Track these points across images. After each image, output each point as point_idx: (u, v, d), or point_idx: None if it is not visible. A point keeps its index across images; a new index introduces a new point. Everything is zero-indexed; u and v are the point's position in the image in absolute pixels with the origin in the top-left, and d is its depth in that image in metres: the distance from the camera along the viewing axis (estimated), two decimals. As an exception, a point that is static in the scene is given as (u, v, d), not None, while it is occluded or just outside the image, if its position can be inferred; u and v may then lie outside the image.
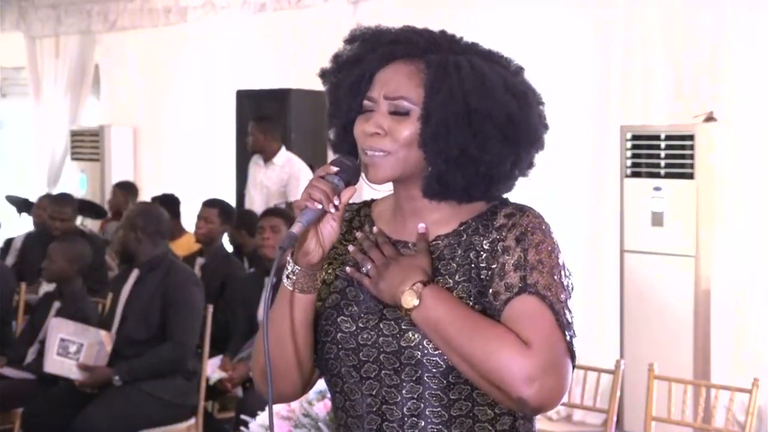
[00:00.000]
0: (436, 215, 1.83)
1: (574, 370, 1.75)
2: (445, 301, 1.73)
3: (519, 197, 1.86)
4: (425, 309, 1.73)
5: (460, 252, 1.80)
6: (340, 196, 1.77)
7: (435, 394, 1.75)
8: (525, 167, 1.83)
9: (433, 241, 1.82)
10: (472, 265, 1.78)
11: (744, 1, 5.99)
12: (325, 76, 1.88)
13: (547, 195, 6.28)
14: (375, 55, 1.82)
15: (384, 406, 1.78)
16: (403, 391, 1.77)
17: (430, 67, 1.78)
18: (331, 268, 1.88)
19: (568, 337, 1.72)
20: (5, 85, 12.23)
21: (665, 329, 5.92)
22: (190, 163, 9.38)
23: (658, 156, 6.00)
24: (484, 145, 1.76)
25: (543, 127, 1.83)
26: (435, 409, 1.76)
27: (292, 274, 1.80)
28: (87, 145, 10.14)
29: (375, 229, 1.87)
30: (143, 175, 9.84)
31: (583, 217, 6.70)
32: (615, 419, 3.90)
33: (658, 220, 5.98)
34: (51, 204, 7.11)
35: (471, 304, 1.76)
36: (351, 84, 1.82)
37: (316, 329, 1.84)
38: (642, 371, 4.16)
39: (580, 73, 6.74)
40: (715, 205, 5.96)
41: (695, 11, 6.17)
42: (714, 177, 5.95)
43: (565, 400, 1.85)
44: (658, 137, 6.00)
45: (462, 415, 1.76)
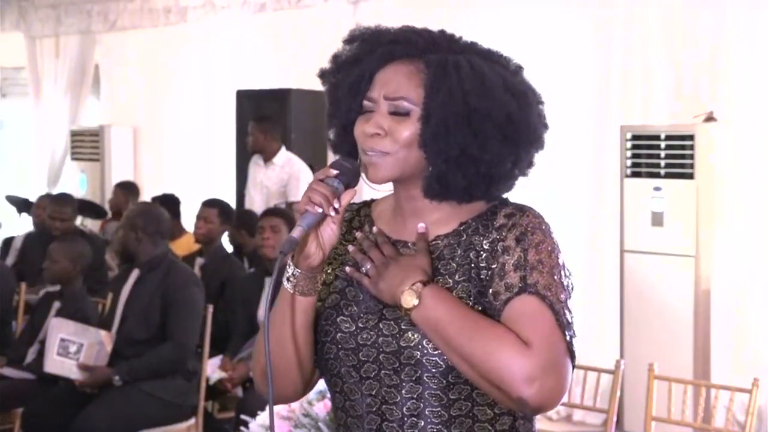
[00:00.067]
0: (436, 215, 1.83)
1: (574, 370, 1.75)
2: (445, 301, 1.73)
3: (519, 197, 1.86)
4: (425, 309, 1.72)
5: (459, 252, 1.80)
6: (340, 199, 1.78)
7: (434, 394, 1.75)
8: (525, 167, 1.83)
9: (433, 241, 1.82)
10: (472, 265, 1.78)
11: (744, 1, 5.99)
12: (325, 77, 1.88)
13: (547, 195, 6.27)
14: (374, 56, 1.81)
15: (384, 406, 1.78)
16: (403, 391, 1.76)
17: (429, 67, 1.78)
18: (331, 268, 1.88)
19: (568, 337, 1.72)
20: (5, 85, 12.23)
21: (665, 329, 5.91)
22: (190, 163, 9.38)
23: (658, 156, 6.00)
24: (485, 144, 1.76)
25: (543, 127, 1.83)
26: (435, 409, 1.76)
27: (293, 277, 1.81)
28: (87, 145, 10.14)
29: (375, 228, 1.87)
30: (143, 175, 9.83)
31: (583, 217, 6.70)
32: (615, 419, 3.90)
33: (658, 220, 5.98)
34: (51, 204, 7.11)
35: (471, 304, 1.76)
36: (350, 84, 1.82)
37: (316, 329, 1.84)
38: (642, 371, 4.16)
39: (580, 73, 6.74)
40: (715, 205, 5.96)
41: (695, 11, 6.17)
42: (714, 177, 5.95)
43: (565, 400, 1.85)
44: (658, 137, 6.00)
45: (462, 415, 1.76)
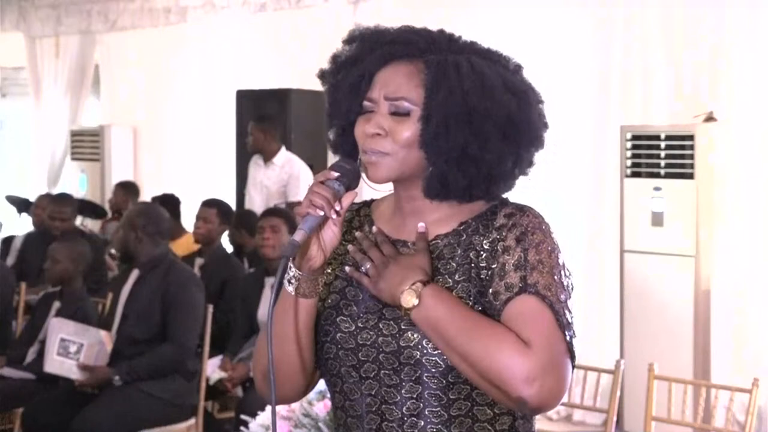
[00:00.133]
0: (436, 215, 1.83)
1: (574, 370, 1.75)
2: (445, 301, 1.73)
3: (519, 197, 1.85)
4: (425, 308, 1.72)
5: (459, 252, 1.80)
6: (341, 202, 1.77)
7: (434, 393, 1.75)
8: (525, 166, 1.83)
9: (433, 241, 1.82)
10: (472, 265, 1.78)
11: (744, 1, 5.98)
12: (324, 77, 1.88)
13: (547, 195, 6.27)
14: (374, 56, 1.81)
15: (383, 406, 1.78)
16: (402, 391, 1.76)
17: (429, 68, 1.78)
18: (331, 268, 1.87)
19: (568, 337, 1.72)
20: (5, 85, 12.23)
21: (665, 329, 5.91)
22: (190, 163, 9.38)
23: (658, 156, 6.00)
24: (485, 144, 1.76)
25: (543, 126, 1.83)
26: (434, 409, 1.76)
27: (294, 279, 1.80)
28: (87, 145, 10.14)
29: (374, 228, 1.87)
30: (143, 175, 9.83)
31: (583, 217, 6.70)
32: (615, 419, 3.90)
33: (658, 220, 5.98)
34: (51, 204, 7.11)
35: (471, 304, 1.76)
36: (350, 85, 1.82)
37: (316, 329, 1.84)
38: (642, 371, 4.16)
39: (580, 73, 6.74)
40: (715, 205, 5.96)
41: (695, 11, 6.17)
42: (714, 177, 5.96)
43: (565, 400, 1.85)
44: (658, 137, 6.00)
45: (461, 415, 1.76)
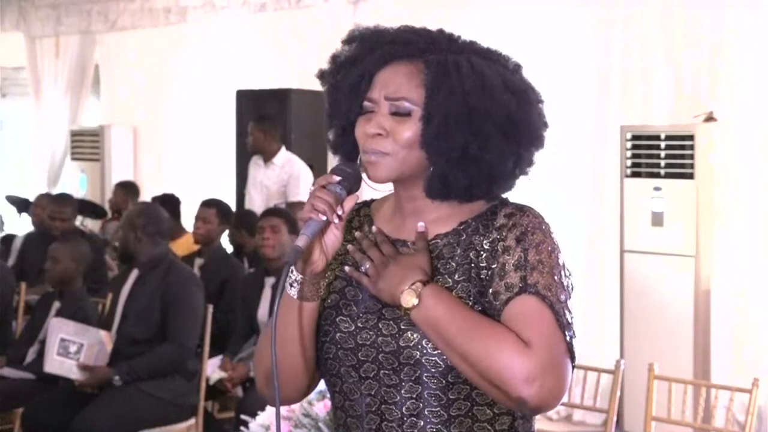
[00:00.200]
0: (436, 214, 1.83)
1: (574, 370, 1.75)
2: (445, 301, 1.73)
3: (519, 197, 1.85)
4: (425, 308, 1.72)
5: (459, 251, 1.80)
6: (342, 206, 1.77)
7: (434, 393, 1.75)
8: (526, 165, 1.83)
9: (432, 240, 1.82)
10: (472, 265, 1.78)
11: (744, 1, 5.98)
12: (324, 77, 1.88)
13: (547, 195, 6.27)
14: (374, 56, 1.81)
15: (383, 406, 1.78)
16: (402, 391, 1.76)
17: (429, 68, 1.77)
18: (330, 268, 1.87)
19: (568, 338, 1.72)
20: (5, 85, 12.23)
21: (665, 329, 5.91)
22: (190, 163, 9.38)
23: (658, 156, 6.00)
24: (486, 144, 1.76)
25: (543, 125, 1.83)
26: (434, 409, 1.76)
27: (296, 283, 1.80)
28: (87, 145, 10.14)
29: (374, 228, 1.86)
30: (143, 175, 9.83)
31: (583, 217, 6.70)
32: (615, 419, 3.90)
33: (658, 220, 5.98)
34: (51, 204, 7.11)
35: (470, 304, 1.75)
36: (350, 85, 1.82)
37: (316, 329, 1.84)
38: (642, 371, 4.16)
39: (580, 73, 6.74)
40: (715, 205, 5.96)
41: (695, 11, 6.17)
42: (714, 177, 5.95)
43: (565, 400, 1.85)
44: (658, 137, 6.00)
45: (461, 415, 1.76)
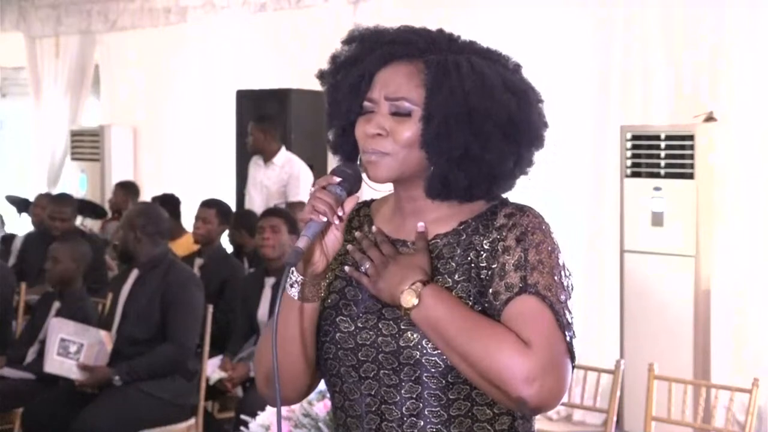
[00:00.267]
0: (436, 214, 1.83)
1: (574, 370, 1.75)
2: (445, 301, 1.73)
3: (519, 197, 1.85)
4: (425, 308, 1.72)
5: (459, 251, 1.79)
6: (343, 207, 1.77)
7: (434, 393, 1.75)
8: (526, 165, 1.83)
9: (432, 240, 1.82)
10: (472, 265, 1.78)
11: (744, 1, 5.98)
12: (324, 78, 1.88)
13: (547, 195, 6.27)
14: (374, 56, 1.81)
15: (383, 406, 1.78)
16: (402, 391, 1.76)
17: (429, 68, 1.77)
18: (330, 268, 1.87)
19: (568, 338, 1.72)
20: (5, 85, 12.23)
21: (665, 329, 5.91)
22: (190, 163, 9.38)
23: (658, 156, 6.00)
24: (486, 144, 1.76)
25: (543, 125, 1.82)
26: (434, 409, 1.75)
27: (297, 283, 1.80)
28: (87, 145, 10.14)
29: (374, 228, 1.86)
30: (143, 175, 9.83)
31: (583, 217, 6.70)
32: (615, 419, 3.90)
33: (658, 220, 5.98)
34: (51, 204, 7.11)
35: (470, 304, 1.75)
36: (350, 85, 1.82)
37: (316, 330, 1.84)
38: (642, 371, 4.16)
39: (580, 73, 6.74)
40: (715, 205, 5.96)
41: (695, 11, 6.17)
42: (714, 177, 5.96)
43: (565, 400, 1.85)
44: (658, 137, 6.00)
45: (461, 415, 1.76)
